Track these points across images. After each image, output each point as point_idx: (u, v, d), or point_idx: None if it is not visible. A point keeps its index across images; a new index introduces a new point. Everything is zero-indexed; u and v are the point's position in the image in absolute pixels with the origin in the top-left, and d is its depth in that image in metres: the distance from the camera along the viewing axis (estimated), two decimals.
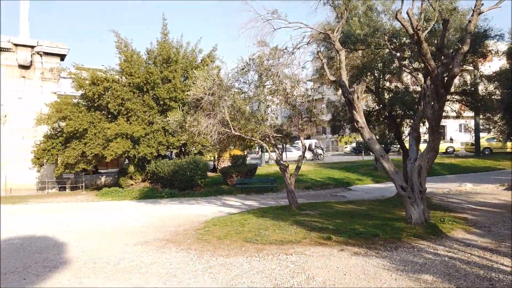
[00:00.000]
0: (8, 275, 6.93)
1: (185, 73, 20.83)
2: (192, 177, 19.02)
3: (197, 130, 11.87)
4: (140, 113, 19.52)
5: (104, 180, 24.93)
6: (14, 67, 21.67)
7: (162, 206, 15.79)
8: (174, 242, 9.22)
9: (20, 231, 10.96)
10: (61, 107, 19.24)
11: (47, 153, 19.14)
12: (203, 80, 11.70)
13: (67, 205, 16.66)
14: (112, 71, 20.75)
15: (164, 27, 20.93)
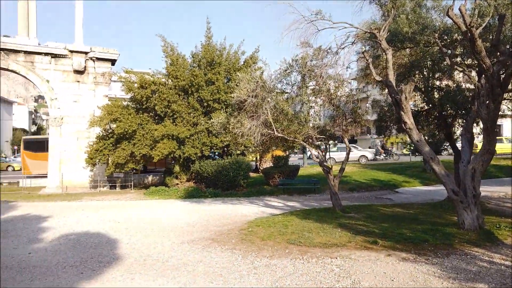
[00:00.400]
0: (67, 268, 7.42)
1: (228, 74, 21.16)
2: (235, 178, 19.29)
3: (240, 132, 12.02)
4: (185, 114, 20.09)
5: (151, 179, 25.90)
6: (69, 73, 23.09)
7: (206, 205, 16.14)
8: (219, 242, 9.41)
9: (76, 227, 11.66)
10: (112, 109, 20.21)
11: (99, 153, 20.17)
12: (246, 82, 11.84)
13: (118, 203, 17.48)
14: (159, 74, 21.51)
15: (208, 31, 21.39)
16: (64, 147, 22.85)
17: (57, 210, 14.95)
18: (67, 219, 12.93)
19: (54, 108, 22.79)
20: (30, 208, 15.55)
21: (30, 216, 13.75)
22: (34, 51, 22.05)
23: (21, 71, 22.22)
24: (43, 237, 10.28)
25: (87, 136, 22.81)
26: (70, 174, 22.87)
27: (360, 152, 33.32)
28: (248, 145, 17.83)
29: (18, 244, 9.37)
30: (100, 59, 23.37)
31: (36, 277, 6.90)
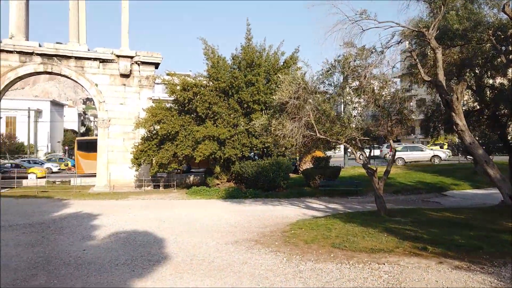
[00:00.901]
0: (119, 266, 7.76)
1: (267, 75, 21.22)
2: (275, 179, 19.32)
3: (282, 134, 12.03)
4: (225, 116, 20.38)
5: (193, 179, 26.49)
6: (116, 76, 24.14)
7: (247, 206, 16.28)
8: (262, 244, 9.47)
9: (124, 225, 12.16)
10: (156, 111, 20.89)
11: (144, 154, 20.92)
12: (288, 84, 11.82)
13: (162, 202, 18.04)
14: (200, 76, 21.96)
15: (248, 32, 21.56)
16: (111, 148, 23.90)
17: (107, 209, 15.66)
18: (116, 218, 13.51)
19: (102, 110, 23.90)
20: (81, 206, 16.41)
21: (82, 214, 14.51)
22: (84, 56, 23.26)
23: (72, 75, 23.49)
24: (95, 234, 10.82)
25: (132, 137, 23.74)
26: (117, 173, 23.89)
27: (431, 152, 31.39)
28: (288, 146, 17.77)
29: (74, 241, 9.93)
30: (144, 62, 24.22)
31: (92, 273, 7.28)
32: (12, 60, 22.08)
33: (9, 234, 10.84)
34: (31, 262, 8.00)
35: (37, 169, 31.43)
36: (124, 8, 23.98)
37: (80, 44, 23.36)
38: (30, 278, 7.02)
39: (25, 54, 22.24)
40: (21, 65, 22.28)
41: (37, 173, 29.74)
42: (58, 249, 9.09)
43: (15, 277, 7.05)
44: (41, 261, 8.11)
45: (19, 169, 29.20)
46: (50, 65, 22.82)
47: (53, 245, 9.50)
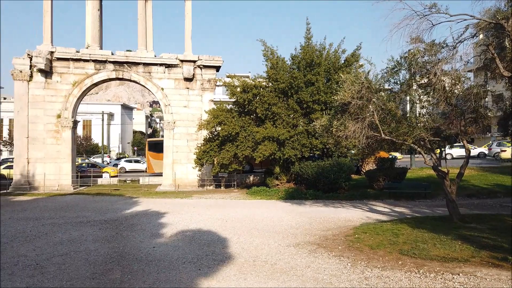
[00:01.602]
0: (186, 264, 8.08)
1: (327, 74, 20.83)
2: (336, 180, 18.89)
3: (344, 135, 11.71)
4: (284, 116, 20.36)
5: (253, 179, 26.84)
6: (180, 80, 25.21)
7: (307, 207, 16.11)
8: (325, 247, 9.30)
9: (190, 224, 12.64)
10: (217, 113, 21.46)
11: (206, 155, 21.59)
12: (350, 83, 11.47)
13: (224, 202, 18.50)
14: (260, 78, 22.15)
15: (308, 32, 21.32)
16: (176, 149, 25.01)
17: (173, 207, 16.41)
18: (181, 216, 14.10)
19: (167, 113, 25.10)
20: (150, 204, 17.37)
21: (151, 211, 15.35)
22: (151, 62, 24.59)
23: (141, 80, 24.96)
24: (163, 232, 11.38)
25: (195, 138, 24.63)
26: (181, 173, 24.94)
27: None
28: (350, 147, 17.29)
29: (144, 238, 10.52)
30: (206, 66, 25.01)
31: (162, 270, 7.65)
32: (88, 68, 24.01)
33: (88, 229, 11.79)
34: (107, 257, 8.63)
35: (110, 168, 33.88)
36: (187, 15, 24.95)
37: (148, 51, 24.73)
38: (107, 272, 7.57)
39: (100, 62, 24.05)
40: (96, 72, 24.14)
41: (110, 172, 32.05)
42: (130, 245, 9.70)
43: (94, 271, 7.64)
44: (115, 256, 8.71)
45: (94, 168, 31.73)
46: (121, 71, 24.45)
47: (126, 241, 10.16)
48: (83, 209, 16.11)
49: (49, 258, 8.55)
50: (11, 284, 6.90)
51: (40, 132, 23.37)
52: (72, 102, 23.73)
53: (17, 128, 23.38)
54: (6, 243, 9.95)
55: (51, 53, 23.12)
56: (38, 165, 23.26)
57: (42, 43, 23.22)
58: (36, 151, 23.30)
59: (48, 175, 23.07)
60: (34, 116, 23.28)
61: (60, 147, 23.55)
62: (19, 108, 23.15)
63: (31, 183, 23.13)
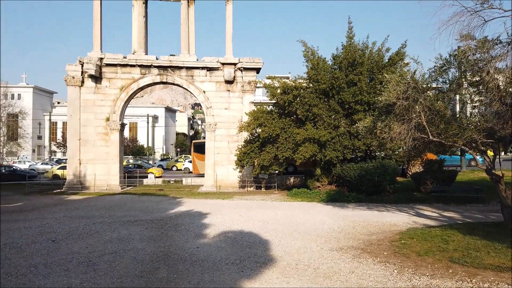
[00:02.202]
0: (229, 265, 8.19)
1: (370, 74, 20.32)
2: (380, 182, 18.35)
3: (389, 137, 11.36)
4: (326, 117, 20.08)
5: (293, 180, 26.71)
6: (221, 83, 25.60)
7: (350, 210, 15.77)
8: (369, 253, 9.06)
9: (231, 225, 12.80)
10: (258, 115, 21.57)
11: (246, 156, 21.75)
12: (395, 83, 11.11)
13: (264, 203, 18.55)
14: (300, 79, 22.01)
15: (350, 31, 20.92)
16: (217, 150, 25.42)
17: (214, 208, 16.69)
18: (223, 217, 14.31)
19: (209, 115, 25.58)
20: (193, 205, 17.78)
21: (194, 212, 15.71)
22: (193, 66, 25.18)
23: (184, 84, 25.63)
24: (206, 233, 11.60)
25: (236, 140, 24.90)
26: (222, 174, 25.31)
27: None
28: (394, 148, 16.71)
29: (188, 238, 10.79)
30: (246, 68, 25.22)
31: (206, 270, 7.81)
32: (134, 73, 25.03)
33: (135, 228, 12.27)
34: (153, 256, 8.93)
35: (155, 169, 35.08)
36: (228, 18, 25.30)
37: (190, 55, 25.35)
38: (154, 271, 7.84)
39: (145, 67, 24.99)
40: (141, 77, 25.10)
41: (155, 173, 33.18)
42: (175, 245, 9.98)
43: (142, 269, 7.93)
44: (161, 255, 9.00)
45: (140, 169, 33.01)
46: (165, 75, 25.25)
47: (171, 241, 10.46)
48: (130, 208, 16.80)
49: (100, 255, 8.99)
50: (66, 279, 7.33)
51: (91, 135, 24.66)
52: (120, 105, 24.84)
53: (70, 131, 24.82)
54: (61, 240, 10.59)
55: (100, 59, 24.34)
56: (89, 166, 24.56)
57: (93, 50, 24.50)
58: (87, 153, 24.60)
59: (98, 176, 24.28)
60: (85, 120, 24.61)
61: (109, 148, 24.71)
62: (71, 112, 24.57)
63: (83, 183, 24.46)
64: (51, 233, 11.54)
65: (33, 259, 8.67)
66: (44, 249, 9.55)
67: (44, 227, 12.41)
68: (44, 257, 8.82)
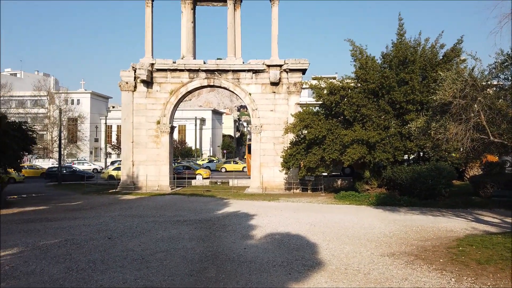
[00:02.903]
0: (276, 267, 8.15)
1: (423, 72, 19.40)
2: (434, 186, 17.43)
3: (444, 138, 10.77)
4: (375, 118, 19.43)
5: (340, 183, 26.15)
6: (267, 85, 25.69)
7: (402, 215, 15.14)
8: (423, 259, 8.62)
9: (278, 227, 12.76)
10: (304, 116, 21.36)
11: (292, 158, 21.59)
12: (451, 81, 10.50)
13: (311, 206, 18.32)
14: (348, 79, 21.52)
15: (400, 28, 20.12)
16: (263, 152, 25.52)
17: (261, 209, 16.75)
18: (270, 219, 14.31)
19: (255, 117, 25.76)
20: (239, 206, 17.97)
21: (240, 213, 15.86)
22: (239, 69, 25.51)
23: (230, 87, 26.03)
24: (253, 234, 11.66)
25: (282, 142, 24.85)
26: (268, 176, 25.36)
27: None
28: (451, 150, 15.80)
29: (235, 239, 10.90)
30: (292, 70, 25.10)
31: (253, 272, 7.83)
32: (183, 77, 25.82)
33: (185, 228, 12.61)
34: (202, 256, 9.12)
35: (203, 170, 35.93)
36: (274, 20, 25.36)
37: (236, 58, 25.70)
38: (203, 270, 7.99)
39: (193, 71, 25.70)
40: (190, 81, 25.84)
41: (203, 174, 33.98)
42: (223, 245, 10.12)
43: (192, 268, 8.12)
44: (210, 255, 9.16)
45: (189, 170, 33.99)
46: (212, 79, 25.81)
47: (219, 241, 10.63)
48: (180, 208, 17.32)
49: (152, 253, 9.34)
50: (122, 276, 7.68)
51: (143, 137, 25.77)
52: (170, 109, 25.73)
53: (124, 134, 26.11)
54: (116, 238, 11.13)
55: (151, 65, 25.38)
56: (141, 167, 25.67)
57: (144, 56, 25.61)
58: (139, 154, 25.73)
59: (150, 176, 25.30)
60: (138, 123, 25.76)
61: (159, 150, 25.68)
62: (125, 115, 25.83)
63: (135, 183, 25.60)
64: (107, 230, 12.18)
65: (91, 255, 9.19)
66: (101, 246, 10.10)
67: (101, 225, 13.12)
68: (101, 254, 9.32)
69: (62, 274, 7.75)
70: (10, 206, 18.61)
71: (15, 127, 20.21)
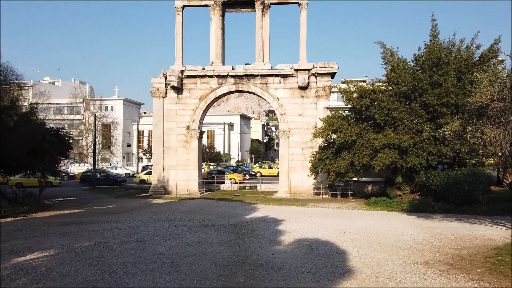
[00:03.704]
0: (305, 274, 8.04)
1: (458, 74, 18.72)
2: (471, 192, 16.70)
3: (481, 142, 10.31)
4: (407, 122, 18.90)
5: (371, 188, 25.54)
6: (295, 89, 25.57)
7: (436, 222, 14.59)
8: (459, 269, 8.26)
9: (306, 233, 12.60)
10: (333, 120, 21.08)
11: (321, 163, 21.33)
12: (488, 84, 10.07)
13: (340, 211, 18.00)
14: (378, 82, 21.07)
15: (434, 29, 19.54)
16: (291, 157, 25.37)
17: (289, 215, 16.62)
18: (298, 224, 14.17)
19: (283, 122, 25.68)
20: (267, 211, 17.91)
21: (268, 218, 15.80)
22: (267, 74, 25.54)
23: (258, 92, 26.11)
24: (281, 239, 11.58)
25: (310, 146, 24.60)
26: (296, 180, 25.16)
27: None
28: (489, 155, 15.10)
29: (263, 244, 10.86)
30: (321, 74, 24.87)
31: (281, 278, 7.76)
32: (212, 83, 26.16)
33: (213, 232, 12.70)
34: (230, 260, 9.13)
35: (236, 175, 36.19)
36: (302, 25, 25.26)
37: (264, 63, 25.77)
38: (231, 275, 8.00)
39: (222, 77, 25.98)
40: (218, 86, 26.14)
41: (236, 178, 34.25)
42: (251, 250, 10.10)
43: (220, 273, 8.15)
44: (238, 260, 9.17)
45: (222, 175, 34.39)
46: (240, 84, 25.99)
47: (247, 246, 10.62)
48: (208, 213, 17.48)
49: (181, 257, 9.45)
50: (152, 279, 7.81)
51: (173, 142, 26.26)
52: (199, 114, 26.11)
53: (155, 139, 26.72)
54: (147, 241, 11.36)
55: (181, 71, 25.88)
56: (171, 172, 26.14)
57: (175, 63, 26.17)
58: (170, 159, 26.23)
59: (179, 181, 25.72)
60: (168, 128, 26.29)
61: (189, 155, 26.07)
62: (156, 121, 26.44)
63: (166, 187, 26.09)
64: (139, 234, 12.45)
65: (123, 258, 9.41)
66: (132, 249, 10.33)
67: (133, 228, 13.44)
68: (133, 257, 9.53)
69: (95, 276, 7.98)
70: (47, 209, 19.42)
71: (53, 133, 21.14)
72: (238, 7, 26.95)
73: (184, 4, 26.27)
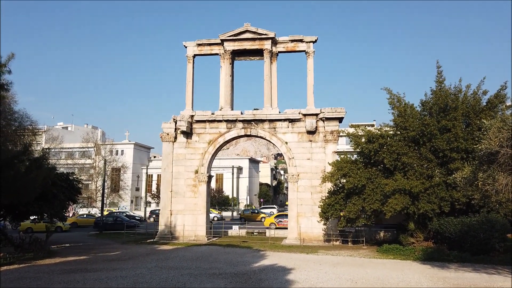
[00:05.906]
0: None
1: (466, 119, 18.75)
2: (487, 240, 16.12)
3: (493, 189, 10.09)
4: (417, 166, 18.71)
5: (383, 235, 24.80)
6: (303, 134, 25.76)
7: (452, 272, 13.97)
8: None
9: (317, 283, 12.12)
10: (342, 165, 20.97)
11: (331, 208, 20.94)
12: (496, 130, 10.03)
13: (352, 260, 17.39)
14: (386, 127, 21.17)
15: (439, 75, 19.89)
16: (300, 201, 25.02)
17: (299, 263, 16.10)
18: (308, 273, 13.68)
19: (291, 166, 25.63)
20: (276, 258, 17.40)
21: (277, 266, 15.31)
22: (276, 118, 25.90)
23: (266, 136, 26.35)
24: None
25: (319, 191, 24.31)
26: (306, 226, 24.60)
27: None
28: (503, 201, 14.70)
29: None
30: (328, 118, 25.12)
31: None
32: (221, 128, 26.54)
33: (220, 281, 12.30)
34: None
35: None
36: (309, 72, 25.92)
37: (273, 108, 26.22)
38: None
39: (230, 122, 26.39)
40: (227, 131, 26.48)
41: None
42: None
43: None
44: None
45: None
46: (249, 128, 26.31)
47: None
48: (215, 260, 17.03)
49: None
50: None
51: (181, 187, 26.22)
52: (208, 158, 26.25)
53: (163, 183, 26.73)
54: None
55: (191, 116, 26.39)
56: (179, 217, 25.86)
57: (185, 108, 26.75)
58: (177, 204, 26.05)
59: (187, 226, 25.36)
60: (177, 172, 26.37)
61: (197, 200, 25.89)
62: (165, 165, 26.60)
63: (173, 233, 25.69)
64: (144, 283, 12.11)
65: None
66: None
67: (138, 277, 13.09)
68: None
69: None
70: (53, 255, 19.15)
71: (63, 178, 21.32)
72: (247, 55, 27.89)
73: (195, 53, 27.32)
